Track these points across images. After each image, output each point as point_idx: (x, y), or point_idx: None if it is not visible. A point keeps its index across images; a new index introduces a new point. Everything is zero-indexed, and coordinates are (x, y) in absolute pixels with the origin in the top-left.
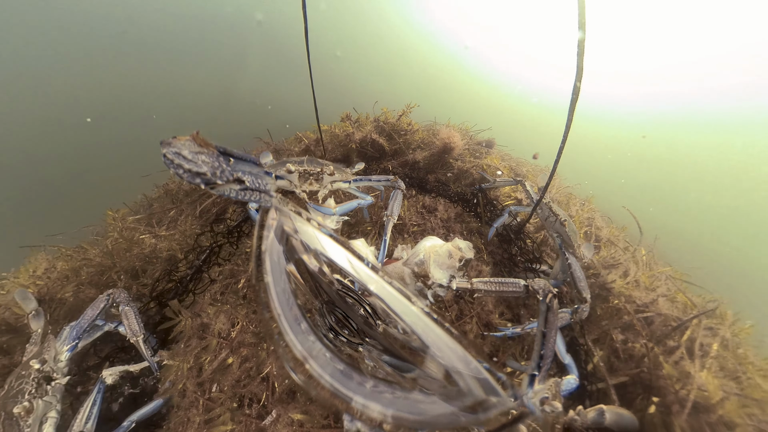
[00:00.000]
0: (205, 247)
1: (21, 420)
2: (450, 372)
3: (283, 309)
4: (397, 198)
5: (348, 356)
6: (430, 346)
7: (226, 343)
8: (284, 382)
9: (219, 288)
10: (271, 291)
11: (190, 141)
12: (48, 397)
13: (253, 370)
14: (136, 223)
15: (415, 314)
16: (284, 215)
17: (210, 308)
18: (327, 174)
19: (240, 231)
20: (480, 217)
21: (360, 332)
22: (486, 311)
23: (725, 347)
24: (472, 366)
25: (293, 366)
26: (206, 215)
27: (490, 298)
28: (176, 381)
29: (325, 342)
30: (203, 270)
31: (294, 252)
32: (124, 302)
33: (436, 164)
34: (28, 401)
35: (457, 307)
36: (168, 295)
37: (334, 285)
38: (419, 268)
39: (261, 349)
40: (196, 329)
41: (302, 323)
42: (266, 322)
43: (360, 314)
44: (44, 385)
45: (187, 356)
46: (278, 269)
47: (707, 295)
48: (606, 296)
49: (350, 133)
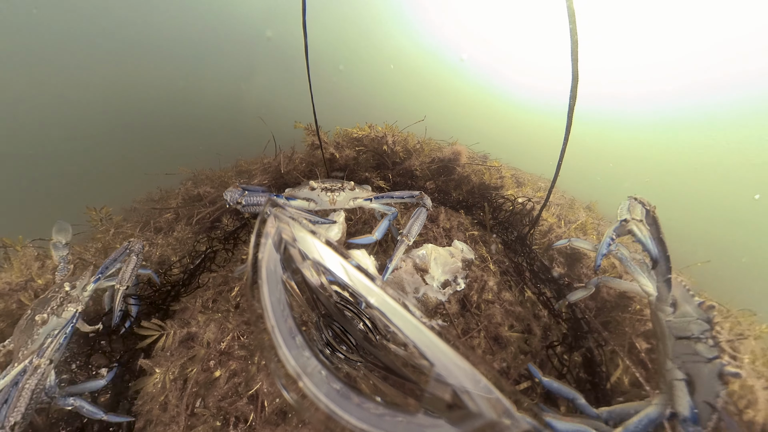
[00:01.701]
0: (200, 252)
1: (36, 326)
2: (457, 392)
3: (278, 320)
4: (420, 217)
5: (346, 375)
6: (435, 364)
7: (215, 355)
8: (275, 401)
9: (211, 295)
10: (266, 301)
11: None
12: (61, 319)
13: (242, 386)
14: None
15: (418, 329)
16: (283, 223)
17: (200, 316)
18: (348, 189)
19: (236, 237)
20: (485, 226)
21: (359, 348)
22: (494, 324)
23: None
24: (482, 384)
25: (285, 383)
26: (201, 223)
27: (497, 310)
28: (157, 393)
29: (320, 358)
30: (196, 274)
31: (291, 261)
32: (135, 252)
33: (440, 172)
34: (47, 314)
35: (463, 320)
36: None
37: (332, 297)
38: (420, 261)
39: (251, 363)
40: (184, 337)
41: (297, 337)
42: (259, 333)
43: (359, 329)
44: (65, 305)
45: (171, 366)
46: (274, 278)
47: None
48: (625, 305)
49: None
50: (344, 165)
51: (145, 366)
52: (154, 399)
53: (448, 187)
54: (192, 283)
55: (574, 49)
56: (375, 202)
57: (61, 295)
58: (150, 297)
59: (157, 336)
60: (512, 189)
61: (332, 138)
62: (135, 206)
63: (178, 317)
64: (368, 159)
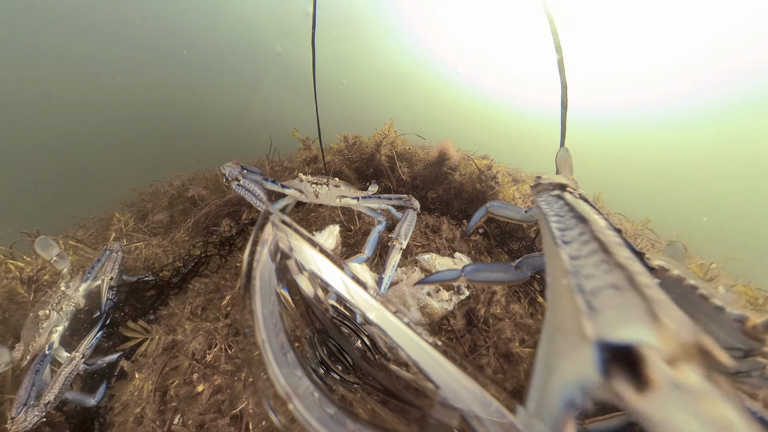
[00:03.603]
0: (194, 256)
1: (40, 321)
2: (466, 417)
3: (269, 335)
4: (408, 218)
5: (341, 398)
6: (441, 386)
7: (199, 367)
8: (260, 424)
9: (201, 302)
10: (258, 312)
11: None
12: (61, 313)
13: (226, 404)
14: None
15: (422, 347)
16: (280, 230)
17: (188, 323)
18: (333, 185)
19: (232, 243)
20: (489, 236)
21: (356, 368)
22: (504, 339)
23: None
24: (493, 408)
25: (274, 405)
26: (198, 227)
27: (507, 324)
28: (133, 403)
29: (313, 378)
30: (188, 279)
31: (287, 272)
32: (115, 250)
33: (432, 178)
34: (48, 310)
35: (470, 337)
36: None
37: (328, 311)
38: (426, 264)
39: (237, 380)
40: (169, 345)
41: (289, 353)
42: (248, 347)
43: (357, 347)
44: (62, 302)
45: (151, 374)
46: (268, 289)
47: None
48: None
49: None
50: (338, 171)
51: (127, 368)
52: (129, 409)
53: (449, 196)
54: (183, 286)
55: (561, 61)
56: (362, 203)
57: (59, 294)
58: (141, 295)
59: (141, 339)
60: (510, 188)
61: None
62: (137, 203)
63: (164, 323)
64: (360, 168)
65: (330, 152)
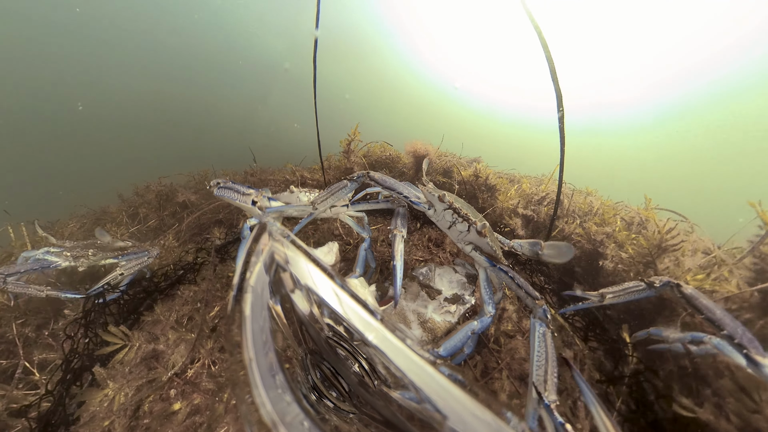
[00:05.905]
0: (185, 262)
1: (67, 255)
2: None
3: (257, 353)
4: (400, 213)
5: (334, 429)
6: (449, 416)
7: (179, 383)
8: None
9: (188, 311)
10: (247, 328)
11: None
12: (75, 263)
13: (203, 427)
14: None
15: (427, 372)
16: (277, 241)
17: (171, 333)
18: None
19: (225, 251)
20: None
21: (352, 395)
22: (518, 360)
23: None
24: None
25: None
26: (189, 232)
27: (520, 343)
28: (101, 416)
29: (304, 405)
30: (176, 285)
31: (281, 286)
32: (151, 255)
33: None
34: (73, 257)
35: (481, 358)
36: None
37: (323, 331)
38: (424, 278)
39: (219, 401)
40: (148, 354)
41: (278, 376)
42: (233, 365)
43: (354, 371)
44: (80, 258)
45: (126, 385)
46: (260, 303)
47: None
48: None
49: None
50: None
51: (99, 375)
52: (96, 422)
53: None
54: (171, 290)
55: (553, 69)
56: (351, 210)
57: (89, 252)
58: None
59: (120, 346)
60: (508, 189)
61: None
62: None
63: (147, 329)
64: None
65: (331, 168)
